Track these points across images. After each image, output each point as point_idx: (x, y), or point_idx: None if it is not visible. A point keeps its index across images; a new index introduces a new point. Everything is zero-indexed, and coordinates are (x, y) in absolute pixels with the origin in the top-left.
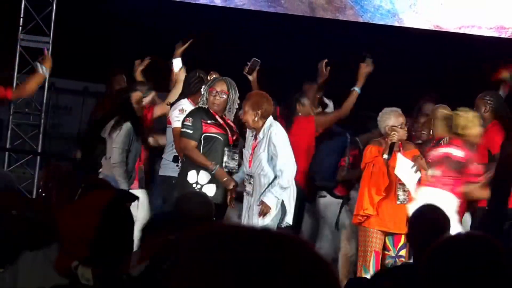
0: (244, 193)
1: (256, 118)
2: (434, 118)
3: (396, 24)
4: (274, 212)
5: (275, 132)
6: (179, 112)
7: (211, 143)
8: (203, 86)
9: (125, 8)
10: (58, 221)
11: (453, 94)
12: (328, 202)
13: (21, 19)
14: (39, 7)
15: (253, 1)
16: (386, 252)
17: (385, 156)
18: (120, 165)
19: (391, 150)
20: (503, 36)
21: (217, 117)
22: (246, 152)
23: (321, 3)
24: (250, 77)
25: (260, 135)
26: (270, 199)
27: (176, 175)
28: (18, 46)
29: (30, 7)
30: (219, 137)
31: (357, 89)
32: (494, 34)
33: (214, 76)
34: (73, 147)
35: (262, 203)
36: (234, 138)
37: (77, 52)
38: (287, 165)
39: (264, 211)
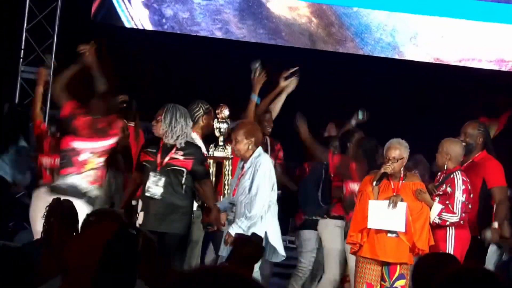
0: (226, 222)
1: (249, 147)
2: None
3: (396, 56)
4: None
5: (260, 163)
6: None
7: (144, 171)
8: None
9: (126, 40)
10: (62, 253)
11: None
12: (325, 222)
13: (22, 50)
14: (40, 39)
15: (254, 33)
16: (383, 283)
17: (374, 183)
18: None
19: (381, 178)
20: (503, 69)
21: (162, 143)
22: (233, 181)
23: (321, 35)
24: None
25: (248, 164)
26: (235, 230)
27: None
28: (19, 78)
29: (31, 39)
30: (147, 164)
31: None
32: (494, 67)
33: (223, 109)
34: None
35: (228, 233)
36: (165, 163)
37: (78, 83)
38: (259, 197)
39: (227, 241)
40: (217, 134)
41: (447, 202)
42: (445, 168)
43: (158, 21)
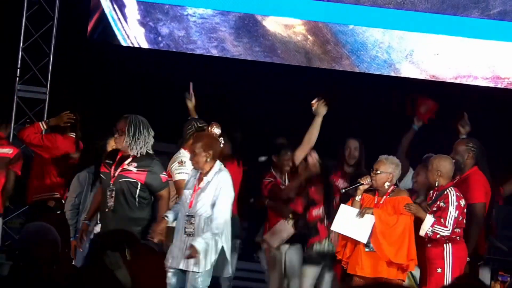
0: (184, 234)
1: (208, 159)
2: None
3: (392, 74)
4: (212, 256)
5: (224, 178)
6: (179, 165)
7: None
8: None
9: (122, 58)
10: None
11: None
12: None
13: (18, 69)
14: (36, 58)
15: (250, 51)
16: None
17: (356, 198)
18: None
19: (354, 188)
20: (499, 86)
21: (120, 156)
22: (187, 191)
23: (317, 53)
24: (189, 104)
25: (209, 177)
26: (200, 244)
27: None
28: (15, 97)
29: (27, 57)
30: (102, 175)
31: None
32: (490, 84)
33: (214, 127)
34: None
35: (191, 246)
36: (117, 175)
37: (74, 102)
38: (224, 214)
39: (191, 255)
40: None
41: (440, 216)
42: (437, 185)
43: (154, 39)
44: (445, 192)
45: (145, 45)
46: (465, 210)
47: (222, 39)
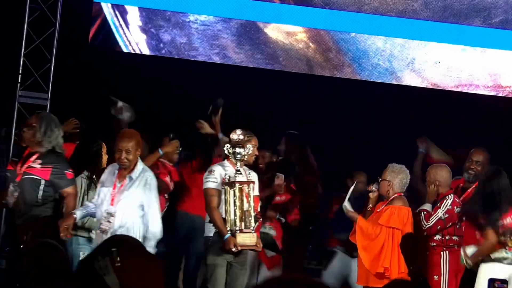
0: (98, 231)
1: (137, 158)
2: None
3: (394, 82)
4: None
5: (151, 178)
6: (208, 173)
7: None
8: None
9: (124, 65)
10: None
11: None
12: None
13: (20, 75)
14: (37, 64)
15: (251, 58)
16: None
17: (368, 207)
18: None
19: (369, 200)
20: (500, 95)
21: (26, 153)
22: (106, 189)
23: (319, 61)
24: (214, 119)
25: (133, 175)
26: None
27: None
28: (16, 102)
29: (29, 63)
30: (8, 173)
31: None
32: (492, 93)
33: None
34: None
35: None
36: (22, 171)
37: (75, 108)
38: (158, 213)
39: None
40: (232, 159)
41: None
42: (439, 193)
43: (155, 46)
44: (445, 197)
45: (146, 51)
46: (463, 218)
47: (224, 46)
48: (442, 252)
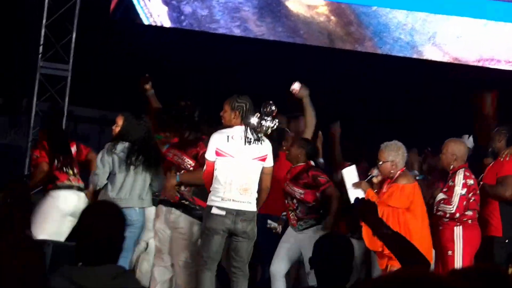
0: None
1: None
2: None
3: (415, 56)
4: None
5: None
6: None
7: None
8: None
9: (145, 38)
10: None
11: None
12: None
13: (41, 46)
14: (59, 35)
15: (272, 31)
16: None
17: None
18: None
19: (373, 184)
20: None
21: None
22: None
23: (340, 34)
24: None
25: None
26: None
27: None
28: (38, 73)
29: (50, 34)
30: None
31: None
32: None
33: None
34: None
35: None
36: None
37: (96, 80)
38: None
39: None
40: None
41: (448, 194)
42: (451, 167)
43: (176, 18)
44: (456, 173)
45: (167, 24)
46: (477, 192)
47: (245, 19)
48: (455, 227)
